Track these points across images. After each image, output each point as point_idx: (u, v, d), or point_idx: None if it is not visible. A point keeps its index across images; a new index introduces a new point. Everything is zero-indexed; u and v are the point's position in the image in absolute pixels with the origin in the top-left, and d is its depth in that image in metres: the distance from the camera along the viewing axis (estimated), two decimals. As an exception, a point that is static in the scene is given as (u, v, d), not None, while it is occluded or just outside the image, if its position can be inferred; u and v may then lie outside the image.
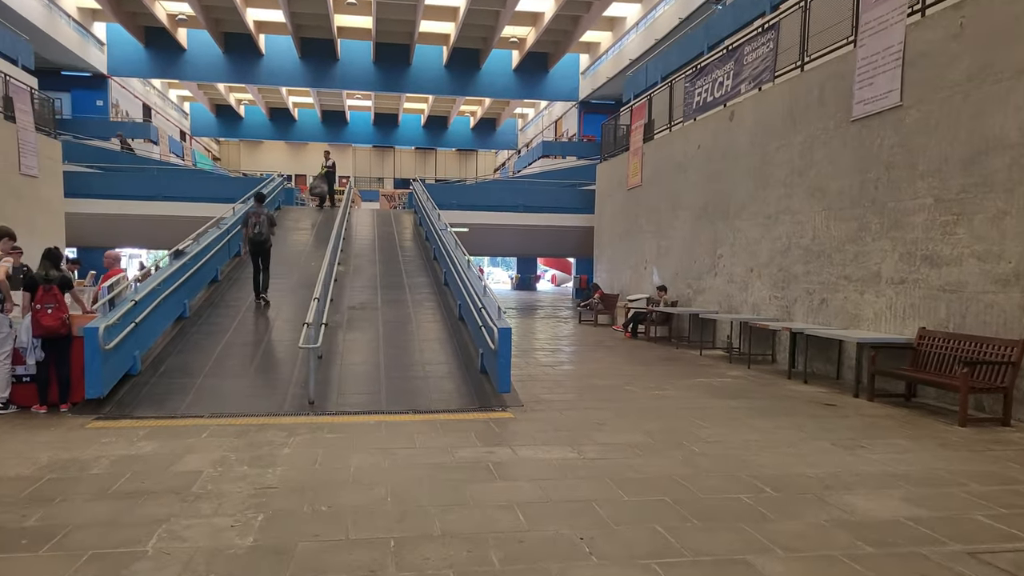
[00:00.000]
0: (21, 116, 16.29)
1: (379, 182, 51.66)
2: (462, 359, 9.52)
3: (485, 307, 8.73)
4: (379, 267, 14.97)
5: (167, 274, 9.46)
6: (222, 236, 12.93)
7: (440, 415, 7.51)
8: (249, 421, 7.05)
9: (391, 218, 21.00)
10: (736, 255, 13.36)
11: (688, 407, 8.21)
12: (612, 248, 20.93)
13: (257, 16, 30.32)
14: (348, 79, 34.41)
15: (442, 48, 34.24)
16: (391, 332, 10.68)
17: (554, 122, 41.20)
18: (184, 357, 8.97)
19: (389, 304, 12.21)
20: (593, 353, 13.37)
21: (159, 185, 22.07)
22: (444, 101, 43.29)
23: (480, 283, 9.91)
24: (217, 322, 10.52)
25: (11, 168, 15.79)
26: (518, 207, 25.14)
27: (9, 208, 15.62)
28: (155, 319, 8.93)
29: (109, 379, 7.38)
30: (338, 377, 8.65)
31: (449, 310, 11.95)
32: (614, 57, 31.48)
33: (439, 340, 10.38)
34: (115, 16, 28.04)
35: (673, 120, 16.71)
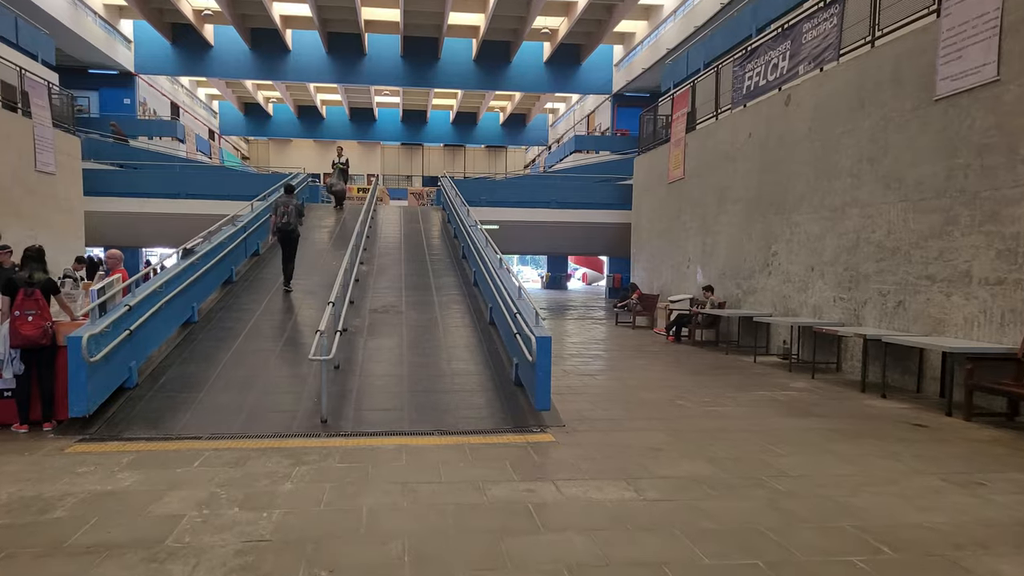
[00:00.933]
0: (38, 111, 15.70)
1: (407, 180, 51.03)
2: (494, 369, 8.54)
3: (520, 312, 7.73)
4: (405, 266, 14.06)
5: (171, 275, 8.63)
6: (237, 234, 12.12)
7: (470, 437, 6.53)
8: (252, 444, 6.14)
9: (418, 215, 20.11)
10: (794, 252, 12.18)
11: (754, 428, 7.12)
12: (651, 245, 19.79)
13: (283, 10, 29.71)
14: (376, 74, 33.67)
15: (471, 41, 33.31)
16: (416, 338, 9.74)
17: (586, 116, 40.05)
18: (188, 368, 8.12)
19: (414, 306, 11.28)
20: (635, 360, 12.30)
21: (182, 182, 21.48)
22: (473, 97, 42.42)
23: (514, 284, 8.91)
24: (228, 327, 9.68)
25: (26, 164, 15.20)
26: (550, 203, 24.10)
27: (25, 205, 15.04)
28: (156, 325, 8.10)
29: (97, 395, 6.54)
30: (356, 390, 7.72)
31: (479, 313, 10.99)
32: (650, 47, 30.26)
33: (468, 347, 9.41)
34: (141, 12, 27.60)
35: (720, 107, 15.53)
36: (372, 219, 18.03)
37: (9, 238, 14.56)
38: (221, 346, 8.90)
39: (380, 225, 18.23)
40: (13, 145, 14.64)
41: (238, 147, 49.39)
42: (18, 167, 14.83)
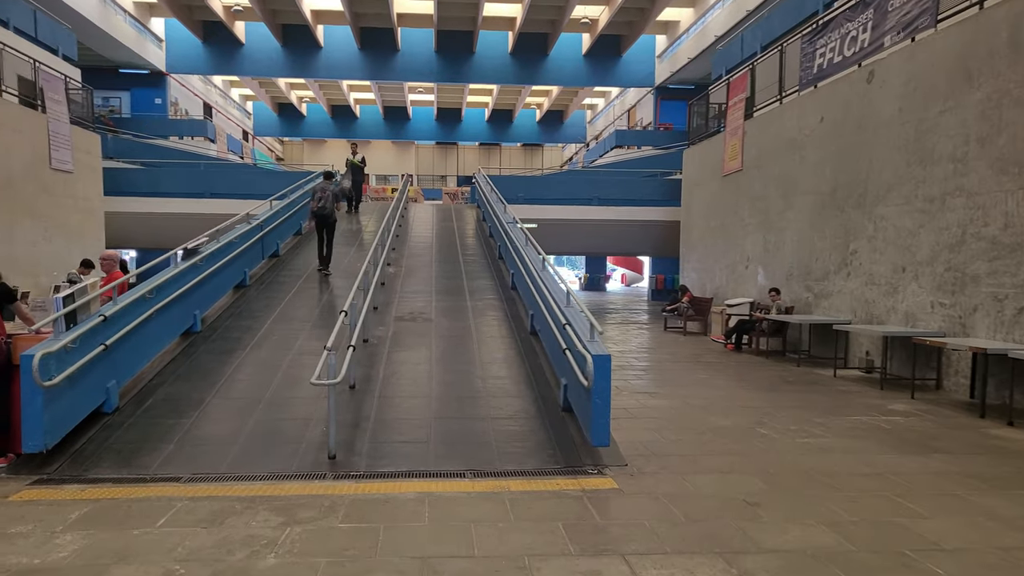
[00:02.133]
0: (53, 106, 14.88)
1: (442, 180, 50.05)
2: (537, 390, 7.22)
3: (570, 322, 6.39)
4: (436, 268, 12.84)
5: (166, 278, 7.49)
6: (251, 233, 11.01)
7: (510, 481, 5.23)
8: (238, 491, 4.93)
9: (451, 213, 18.91)
10: (878, 251, 10.62)
11: (868, 469, 5.67)
12: (703, 244, 18.27)
13: (314, 4, 28.80)
14: (409, 70, 32.65)
15: (507, 34, 32.04)
16: (446, 350, 8.47)
17: (627, 111, 38.51)
18: (180, 387, 6.97)
19: (446, 313, 10.02)
20: (694, 373, 10.87)
21: (206, 181, 20.63)
22: (509, 93, 41.17)
23: (561, 288, 7.60)
24: (235, 338, 8.53)
25: (41, 162, 14.37)
26: (592, 200, 22.69)
27: (39, 205, 14.21)
28: (145, 337, 6.97)
29: (58, 426, 5.40)
30: (373, 417, 6.47)
31: (518, 320, 9.68)
32: (696, 35, 28.63)
33: (507, 362, 8.11)
34: (171, 10, 26.94)
35: (785, 90, 13.98)
36: (402, 218, 16.88)
37: (22, 239, 13.78)
38: (223, 360, 7.74)
39: (411, 224, 17.07)
40: (26, 141, 13.81)
41: (272, 148, 48.94)
42: (32, 164, 13.99)
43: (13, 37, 15.22)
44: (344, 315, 6.49)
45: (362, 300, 7.87)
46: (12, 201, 13.29)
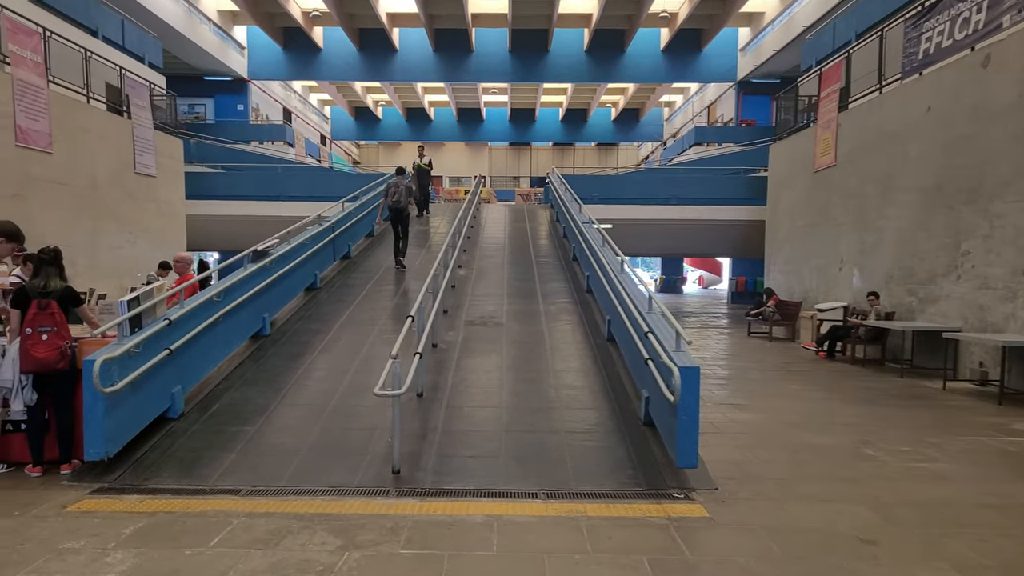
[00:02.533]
0: (138, 112, 15.30)
1: (515, 181, 49.85)
2: (616, 401, 6.72)
3: (653, 330, 5.86)
4: (507, 270, 12.45)
5: (234, 281, 7.36)
6: (323, 235, 10.90)
7: (587, 504, 4.76)
8: (297, 507, 4.64)
9: (524, 213, 18.53)
10: (994, 251, 9.60)
11: (997, 502, 4.94)
12: (791, 244, 17.26)
13: (389, 7, 29.01)
14: (483, 71, 32.52)
15: (583, 31, 31.48)
16: (518, 357, 8.05)
17: (706, 107, 37.26)
18: (246, 392, 6.79)
19: (517, 317, 9.61)
20: (785, 383, 10.10)
21: (282, 184, 20.92)
22: (584, 91, 40.55)
23: (641, 292, 7.07)
24: (303, 341, 8.36)
25: (125, 166, 14.77)
26: (670, 199, 21.86)
27: (123, 209, 14.60)
28: (213, 341, 6.83)
29: (120, 433, 5.26)
30: (440, 428, 6.11)
31: (594, 326, 9.18)
32: (783, 26, 27.34)
33: (582, 370, 7.63)
34: (253, 18, 27.65)
35: (884, 79, 12.96)
36: (474, 219, 16.60)
37: (107, 242, 14.20)
38: (290, 365, 7.56)
39: (483, 225, 16.78)
40: (111, 146, 14.21)
41: (349, 152, 49.85)
42: (117, 169, 14.39)
43: (101, 46, 15.74)
44: (411, 320, 6.16)
45: (431, 304, 7.55)
46: (97, 206, 13.66)
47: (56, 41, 12.76)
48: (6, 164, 11.09)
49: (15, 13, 11.78)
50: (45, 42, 12.25)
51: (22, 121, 11.43)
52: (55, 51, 12.79)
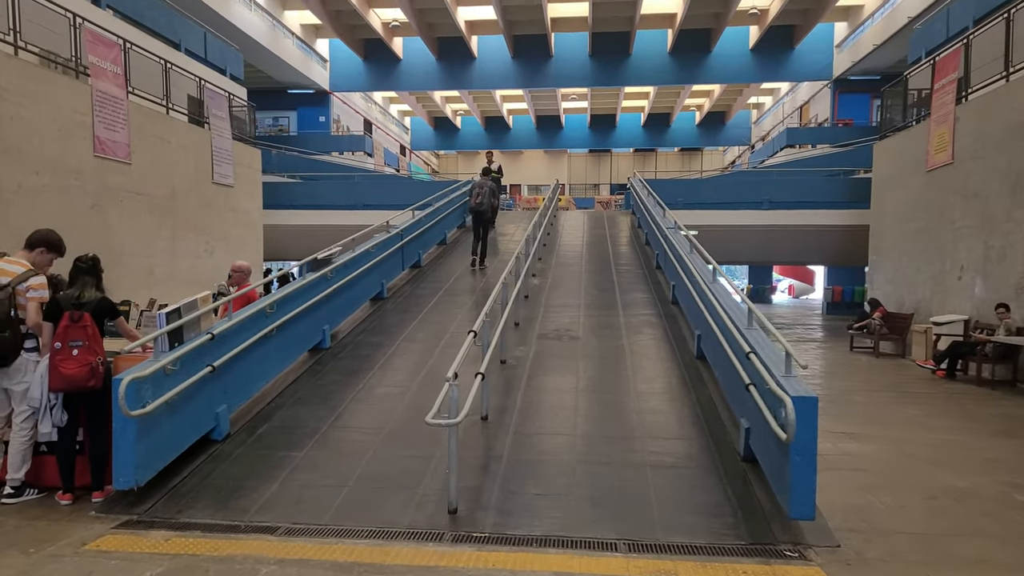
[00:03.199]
0: (216, 122, 15.37)
1: (595, 188, 48.94)
2: (708, 431, 5.82)
3: (755, 350, 4.96)
4: (585, 279, 11.64)
5: (290, 292, 6.88)
6: (390, 242, 10.40)
7: (678, 562, 3.93)
8: (336, 553, 4.00)
9: (603, 220, 17.66)
10: None
11: None
12: (898, 251, 15.71)
13: (468, 15, 28.76)
14: (563, 76, 31.85)
15: (666, 32, 30.35)
16: (595, 377, 7.25)
17: (798, 108, 35.37)
18: (298, 412, 6.26)
19: (595, 331, 8.79)
20: (902, 407, 8.87)
21: (360, 193, 20.82)
22: (666, 95, 39.33)
23: (739, 305, 6.15)
24: (364, 355, 7.82)
25: (203, 176, 14.82)
26: (762, 203, 20.50)
27: (202, 218, 14.64)
28: (262, 357, 6.34)
29: (155, 457, 4.79)
30: (506, 457, 5.39)
31: (681, 341, 8.26)
32: (884, 19, 25.50)
33: (668, 393, 6.75)
34: (334, 30, 27.95)
35: (1013, 65, 11.47)
36: (551, 226, 15.88)
37: (185, 252, 14.26)
38: (348, 382, 7.00)
39: (560, 232, 16.03)
40: (191, 156, 14.27)
41: (428, 162, 50.16)
42: (195, 179, 14.44)
43: (183, 58, 15.94)
44: (473, 336, 5.47)
45: (499, 317, 6.85)
46: (176, 215, 13.70)
47: (136, 53, 12.86)
48: (85, 175, 11.13)
49: (96, 25, 11.89)
50: (125, 54, 12.33)
51: (100, 132, 11.49)
52: (137, 63, 12.91)
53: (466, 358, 5.12)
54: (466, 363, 5.08)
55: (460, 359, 4.92)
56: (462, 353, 5.06)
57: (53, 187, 10.49)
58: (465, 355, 5.17)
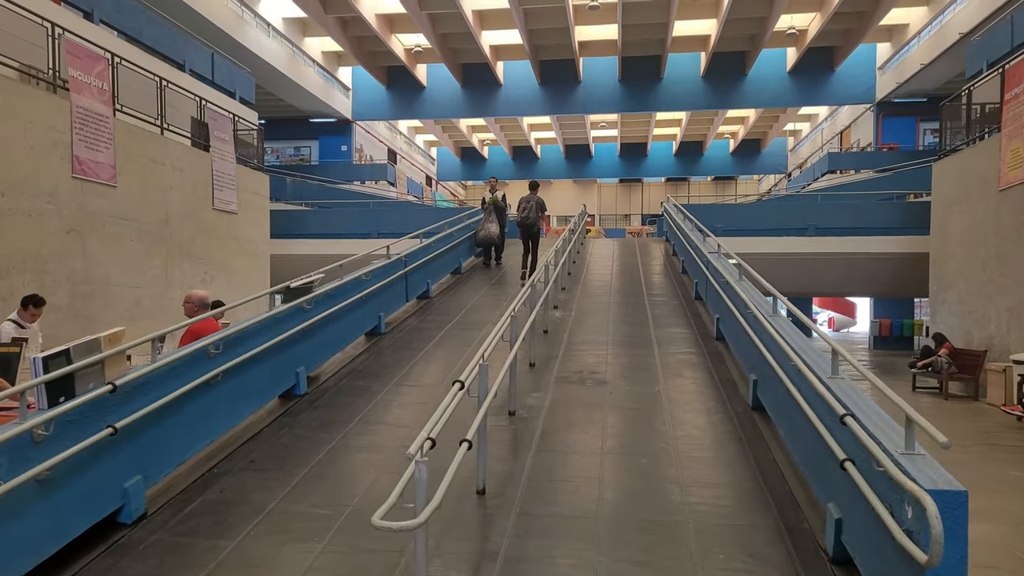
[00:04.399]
0: (218, 145, 14.41)
1: (625, 219, 47.60)
2: (777, 515, 4.34)
3: (853, 412, 3.50)
4: (614, 311, 10.23)
5: (243, 327, 5.57)
6: (389, 270, 9.12)
7: None
8: None
9: (635, 247, 16.28)
10: None
11: None
12: (965, 280, 14.05)
13: (493, 39, 27.89)
14: (591, 102, 30.73)
15: (699, 55, 29.15)
16: (625, 433, 5.81)
17: (838, 133, 33.80)
18: (246, 480, 4.92)
19: (626, 373, 7.36)
20: (1001, 466, 7.26)
21: (374, 220, 19.71)
22: (699, 122, 38.02)
23: (813, 347, 4.72)
24: (344, 404, 6.48)
25: (202, 201, 13.81)
26: (807, 229, 18.93)
27: (198, 246, 13.59)
28: (204, 411, 5.02)
29: (9, 559, 3.44)
30: (504, 552, 3.96)
31: (730, 387, 6.79)
32: (932, 37, 24.00)
33: (719, 459, 5.28)
34: (356, 58, 27.27)
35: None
36: (577, 254, 14.55)
37: (179, 280, 13.15)
38: (317, 440, 5.65)
39: (587, 260, 14.68)
40: (188, 180, 13.27)
41: (455, 192, 49.36)
42: (191, 203, 13.42)
43: (187, 79, 15.07)
44: (459, 387, 4.09)
45: (509, 358, 5.48)
46: (169, 243, 12.67)
47: (128, 70, 11.96)
48: (61, 197, 10.11)
49: (81, 38, 11.00)
50: (113, 69, 11.42)
51: (80, 151, 10.49)
52: (132, 81, 12.03)
53: (446, 419, 3.76)
54: (450, 424, 3.72)
55: (437, 421, 3.56)
56: (442, 411, 3.69)
57: (21, 210, 9.46)
58: (451, 410, 3.81)
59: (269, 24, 23.64)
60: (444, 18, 24.98)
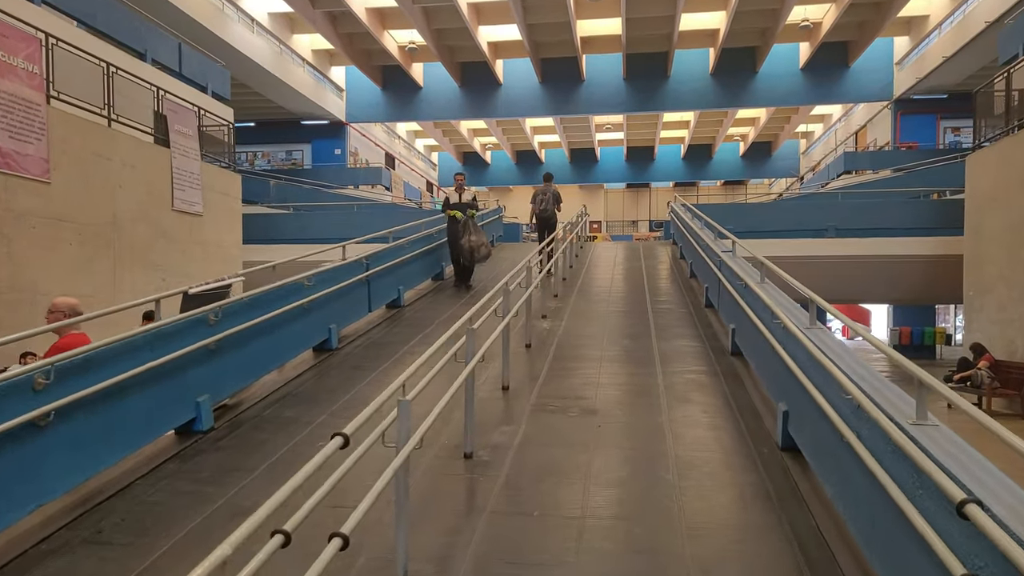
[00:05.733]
0: (180, 140, 13.13)
1: (632, 225, 46.14)
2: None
3: (976, 497, 2.09)
4: (612, 320, 8.83)
5: (104, 345, 4.19)
6: (342, 273, 7.73)
7: None
8: None
9: (639, 251, 14.88)
10: None
11: None
12: (1007, 284, 12.58)
13: (491, 35, 26.57)
14: (595, 102, 29.33)
15: (707, 51, 27.75)
16: (617, 486, 4.39)
17: (853, 133, 32.33)
18: (79, 562, 3.52)
19: (621, 399, 5.95)
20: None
21: (359, 224, 18.36)
22: (708, 124, 36.61)
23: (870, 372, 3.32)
24: (257, 442, 5.05)
25: (159, 202, 12.52)
26: (826, 230, 17.44)
27: (155, 251, 12.27)
28: (44, 454, 3.65)
29: None
30: None
31: (751, 417, 5.38)
32: (955, 28, 22.56)
33: (742, 525, 3.86)
34: (348, 56, 26.04)
35: None
36: (576, 258, 13.21)
37: (130, 288, 11.79)
38: (201, 496, 4.22)
39: (585, 264, 13.31)
40: (141, 177, 11.98)
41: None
42: (147, 204, 12.12)
43: (149, 70, 13.81)
44: (341, 441, 2.70)
45: (461, 376, 4.10)
46: (119, 247, 11.37)
47: (71, 55, 10.69)
48: (-24, 194, 8.84)
49: (11, 16, 9.74)
50: (47, 51, 10.15)
51: (3, 142, 9.21)
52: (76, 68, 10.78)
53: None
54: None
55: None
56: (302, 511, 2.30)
57: (-79, 208, 8.19)
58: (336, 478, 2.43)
59: (253, 19, 22.41)
60: (438, 12, 23.72)
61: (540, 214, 12.85)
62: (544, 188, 13.10)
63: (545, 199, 12.87)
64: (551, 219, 12.81)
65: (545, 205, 12.81)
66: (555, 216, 12.92)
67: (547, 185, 13.20)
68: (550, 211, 12.83)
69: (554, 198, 12.98)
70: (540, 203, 12.88)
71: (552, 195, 12.96)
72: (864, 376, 3.31)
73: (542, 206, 12.83)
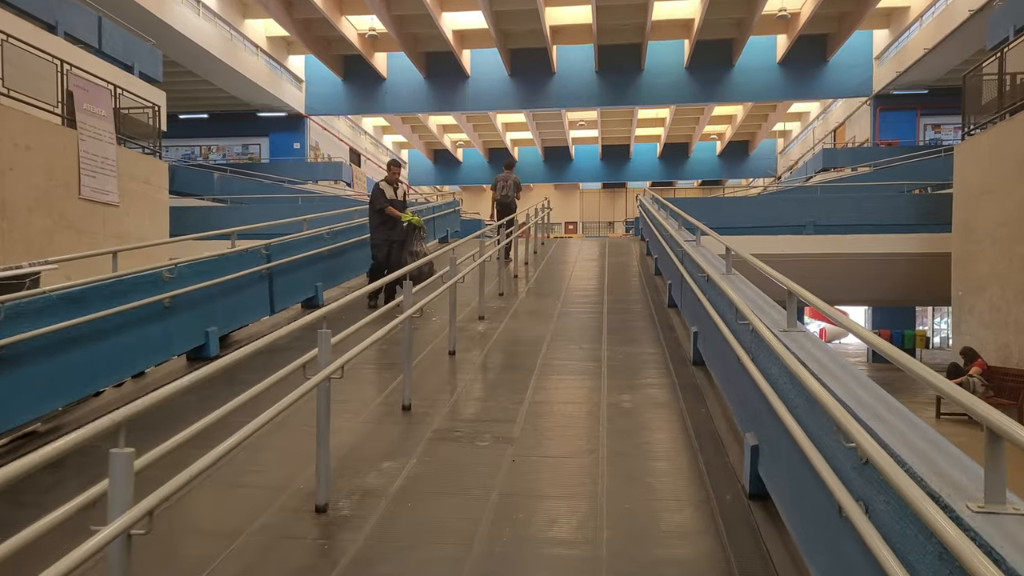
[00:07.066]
0: (88, 120, 11.73)
1: (609, 227, 45.09)
2: None
3: None
4: (558, 323, 7.57)
5: None
6: (228, 264, 6.42)
7: None
8: None
9: (606, 247, 13.74)
10: None
11: None
12: (1000, 283, 11.60)
13: (455, 23, 25.30)
14: (567, 95, 28.18)
15: (682, 43, 26.70)
16: (513, 558, 3.15)
17: (832, 131, 31.52)
18: None
19: (547, 422, 4.71)
20: None
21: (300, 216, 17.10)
22: (684, 122, 35.65)
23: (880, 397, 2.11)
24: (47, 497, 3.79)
25: (64, 190, 11.13)
26: (805, 226, 16.40)
27: (57, 244, 10.86)
28: None
29: None
30: None
31: (712, 448, 4.17)
32: (936, 19, 21.70)
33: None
34: (306, 44, 24.62)
35: None
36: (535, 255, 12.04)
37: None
38: None
39: (543, 260, 12.12)
40: (38, 160, 10.60)
41: (429, 199, 46.76)
42: (46, 191, 10.74)
43: (60, 43, 12.38)
44: None
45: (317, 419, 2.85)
46: (10, 240, 9.98)
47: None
48: None
49: None
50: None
51: None
52: None
53: None
54: None
55: None
56: None
57: None
58: None
59: (199, 1, 20.96)
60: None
61: (500, 200, 13.09)
62: (506, 176, 13.35)
63: (506, 186, 13.15)
64: (511, 205, 13.04)
65: (506, 191, 13.09)
66: (515, 203, 13.17)
67: (508, 172, 13.46)
68: (511, 198, 13.10)
69: (515, 185, 13.24)
70: (501, 189, 13.17)
71: (513, 182, 13.24)
72: (875, 410, 2.10)
73: (503, 192, 13.12)
